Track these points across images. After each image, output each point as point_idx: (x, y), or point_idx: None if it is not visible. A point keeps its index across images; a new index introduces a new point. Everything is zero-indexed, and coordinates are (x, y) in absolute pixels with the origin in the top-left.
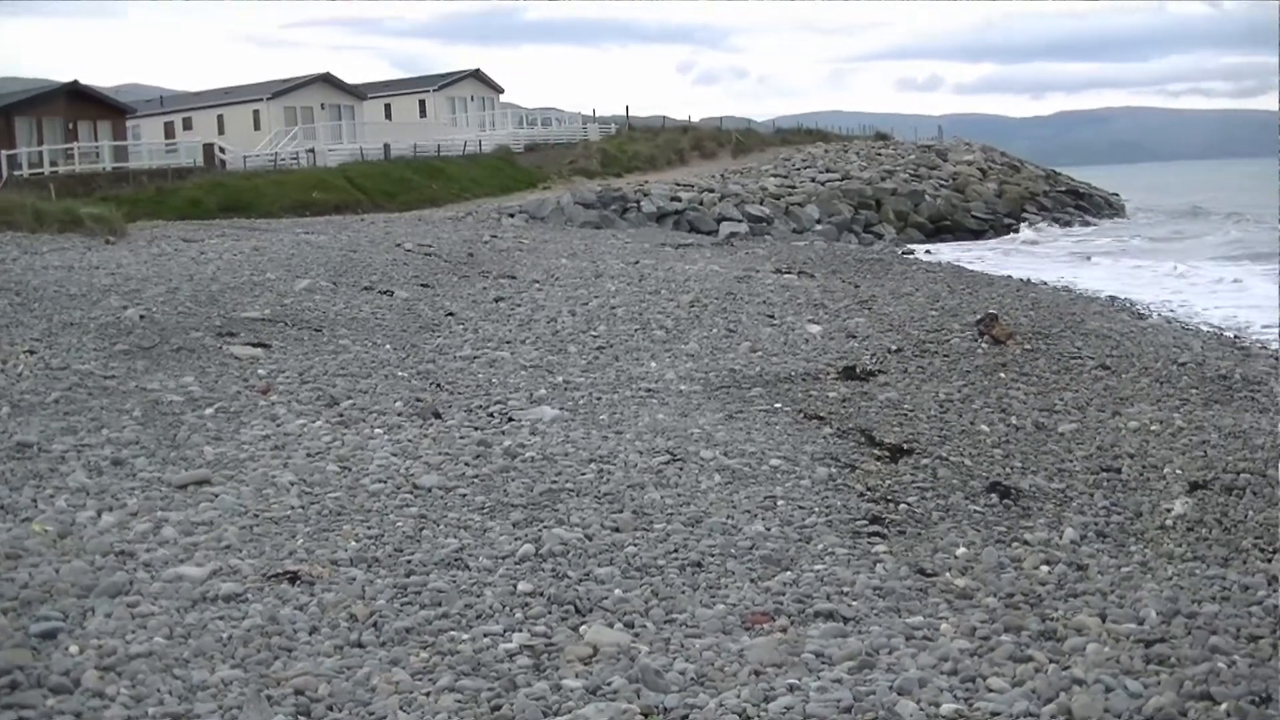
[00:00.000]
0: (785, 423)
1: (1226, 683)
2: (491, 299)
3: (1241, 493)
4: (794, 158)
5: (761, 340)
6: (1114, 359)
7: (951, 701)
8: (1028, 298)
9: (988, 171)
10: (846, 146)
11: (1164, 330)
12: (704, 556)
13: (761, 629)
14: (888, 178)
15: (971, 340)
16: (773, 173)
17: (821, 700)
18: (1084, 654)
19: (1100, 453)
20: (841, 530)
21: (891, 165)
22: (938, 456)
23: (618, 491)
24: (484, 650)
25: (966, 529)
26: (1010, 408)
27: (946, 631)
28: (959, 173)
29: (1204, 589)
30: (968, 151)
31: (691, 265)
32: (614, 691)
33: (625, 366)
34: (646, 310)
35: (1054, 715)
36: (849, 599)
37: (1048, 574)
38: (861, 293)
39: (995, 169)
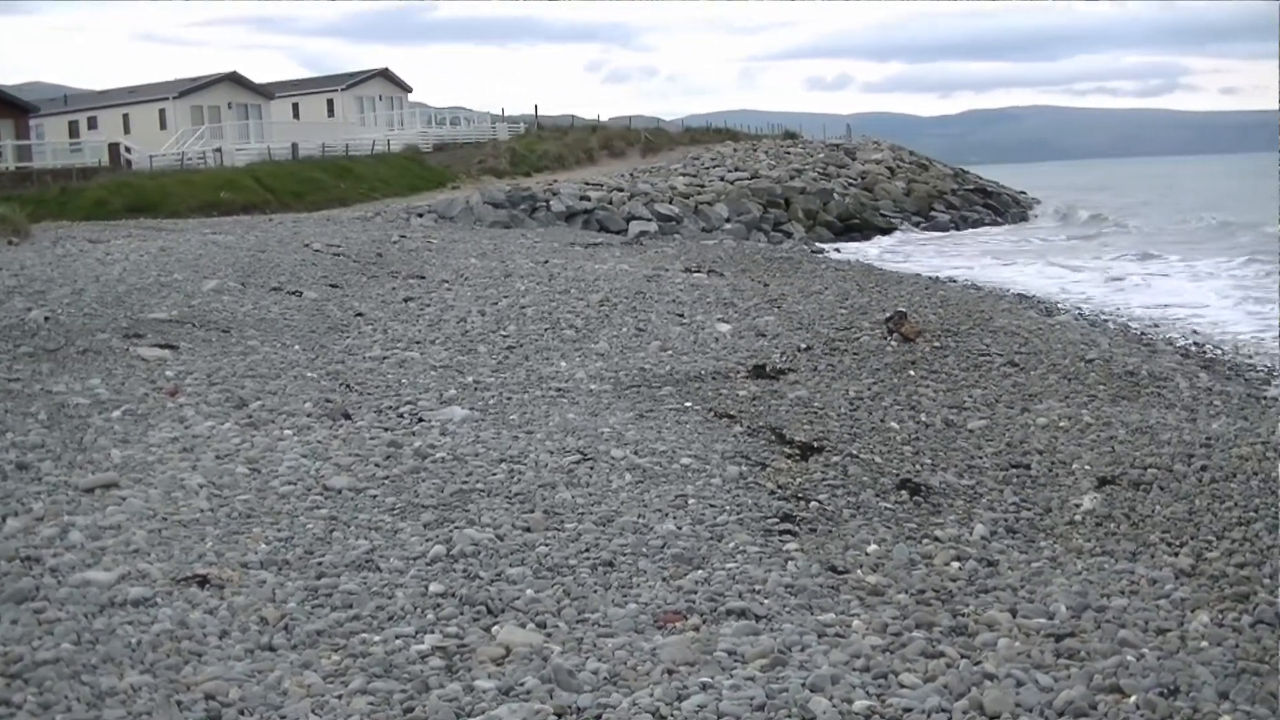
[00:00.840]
0: (696, 421)
1: (1136, 675)
2: (401, 299)
3: (1149, 488)
4: (703, 157)
5: (671, 339)
6: (1022, 356)
7: (864, 698)
8: (936, 295)
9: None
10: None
11: (1072, 327)
12: (616, 556)
13: (674, 628)
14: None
15: (881, 338)
16: (682, 172)
17: (734, 698)
18: (995, 649)
19: (1009, 449)
20: (753, 528)
21: (800, 164)
22: (848, 454)
23: (529, 491)
24: (396, 652)
25: (877, 526)
26: (920, 405)
27: (858, 628)
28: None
29: (1113, 583)
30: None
31: (601, 264)
32: (527, 692)
33: (535, 366)
34: (556, 310)
35: (966, 710)
36: (761, 597)
37: (958, 570)
38: (771, 291)
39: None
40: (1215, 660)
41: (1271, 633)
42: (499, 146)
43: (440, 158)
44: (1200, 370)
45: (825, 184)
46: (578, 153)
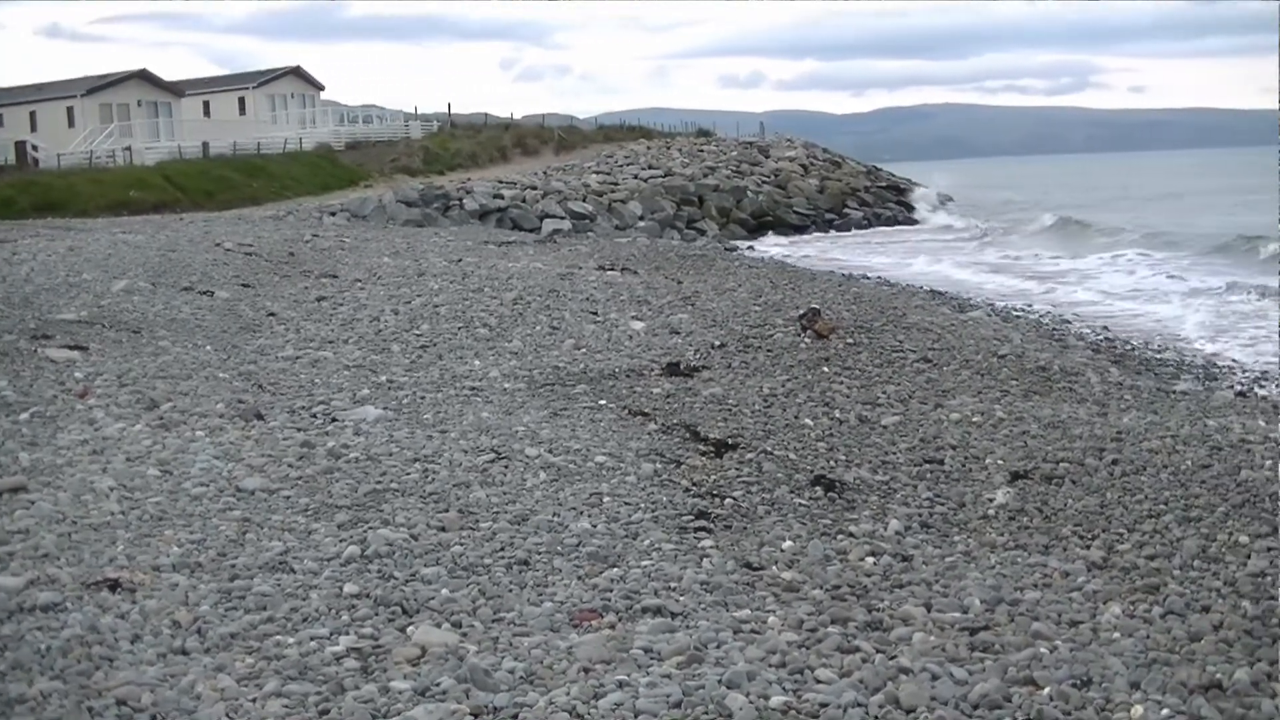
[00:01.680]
0: (610, 419)
1: (1049, 667)
2: (313, 298)
3: (1061, 481)
4: (617, 155)
5: (585, 337)
6: (935, 352)
7: (780, 694)
8: (850, 292)
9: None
10: (669, 143)
11: (984, 323)
12: (531, 554)
13: (590, 626)
14: (710, 174)
15: (795, 335)
16: (596, 170)
17: (651, 696)
18: (910, 643)
19: (923, 444)
20: (668, 526)
21: (714, 162)
22: (762, 451)
23: (443, 491)
24: (310, 654)
25: (792, 522)
26: (834, 401)
27: (774, 624)
28: (781, 169)
29: (1026, 576)
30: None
31: (515, 263)
32: (443, 692)
33: (449, 365)
34: (470, 308)
35: (881, 705)
36: (676, 594)
37: (873, 565)
38: (685, 289)
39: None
40: (1127, 651)
41: (1182, 623)
42: (412, 145)
43: (353, 156)
44: (1111, 365)
45: (739, 182)
46: (491, 151)
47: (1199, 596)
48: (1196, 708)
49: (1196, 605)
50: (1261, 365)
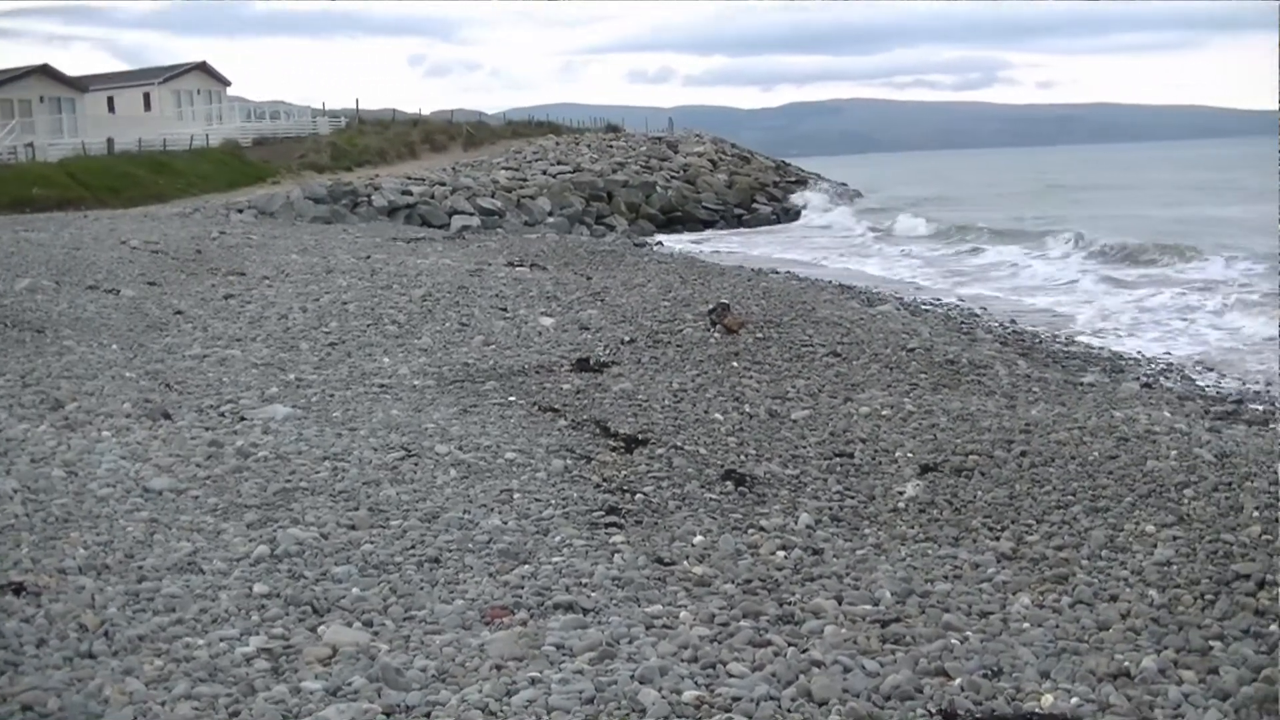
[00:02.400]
0: (520, 416)
1: (960, 658)
2: (221, 296)
3: (970, 474)
4: (525, 150)
5: (495, 334)
6: (845, 346)
7: (693, 688)
8: (759, 287)
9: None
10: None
11: (893, 317)
12: (442, 552)
13: (501, 623)
14: (619, 170)
15: (704, 330)
16: (504, 165)
17: (564, 692)
18: (822, 636)
19: (833, 438)
20: (579, 522)
21: (623, 157)
22: (673, 446)
23: (353, 489)
24: (220, 655)
25: (703, 517)
26: (744, 396)
27: (686, 619)
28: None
29: (936, 568)
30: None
31: (424, 259)
32: (355, 692)
33: (358, 362)
34: (379, 305)
35: (794, 698)
36: (588, 590)
37: (784, 559)
38: (594, 285)
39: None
40: (1036, 641)
41: (1090, 612)
42: (320, 141)
43: (260, 152)
44: (1019, 358)
45: (648, 177)
46: (399, 147)
47: (1107, 586)
48: (1105, 695)
49: (1104, 594)
50: (1166, 358)
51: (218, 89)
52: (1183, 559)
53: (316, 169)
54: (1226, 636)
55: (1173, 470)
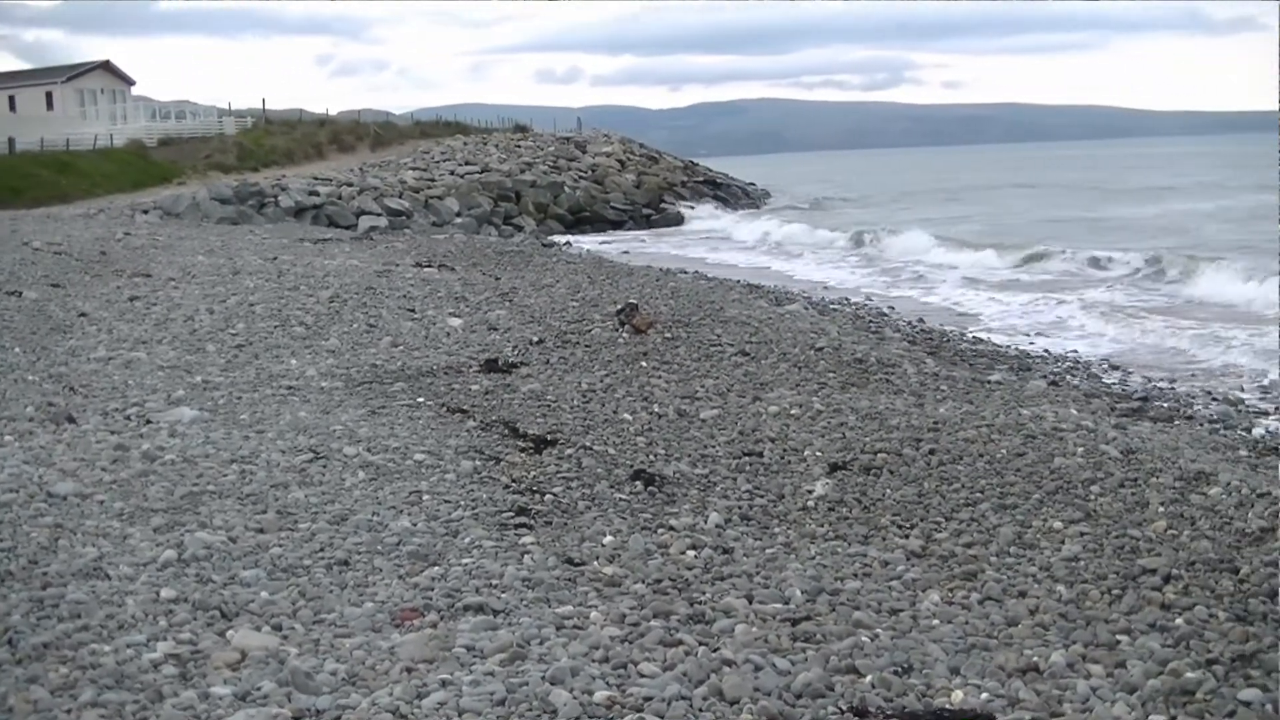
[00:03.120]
0: (428, 417)
1: (870, 655)
2: (126, 298)
3: (879, 472)
4: (433, 150)
5: (403, 334)
6: (753, 345)
7: (604, 688)
8: (667, 287)
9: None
10: (486, 139)
11: (802, 316)
12: (351, 554)
13: (412, 625)
14: (527, 170)
15: (613, 330)
16: (412, 166)
17: (475, 694)
18: (732, 635)
19: (742, 437)
20: (488, 523)
21: (531, 157)
22: (582, 446)
23: (261, 492)
24: (127, 661)
25: (613, 517)
26: (652, 396)
27: (596, 620)
28: (598, 164)
29: (846, 566)
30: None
31: (331, 260)
32: (264, 696)
33: (265, 364)
34: (286, 307)
35: (705, 697)
36: (498, 591)
37: (694, 559)
38: (502, 285)
39: (634, 160)
40: (946, 637)
41: (999, 608)
42: (226, 141)
43: (165, 153)
44: (927, 356)
45: (556, 177)
46: (306, 147)
47: (1015, 582)
48: (1014, 691)
49: (1013, 590)
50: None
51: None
52: (1090, 555)
53: (223, 169)
54: (1133, 630)
55: (1079, 467)
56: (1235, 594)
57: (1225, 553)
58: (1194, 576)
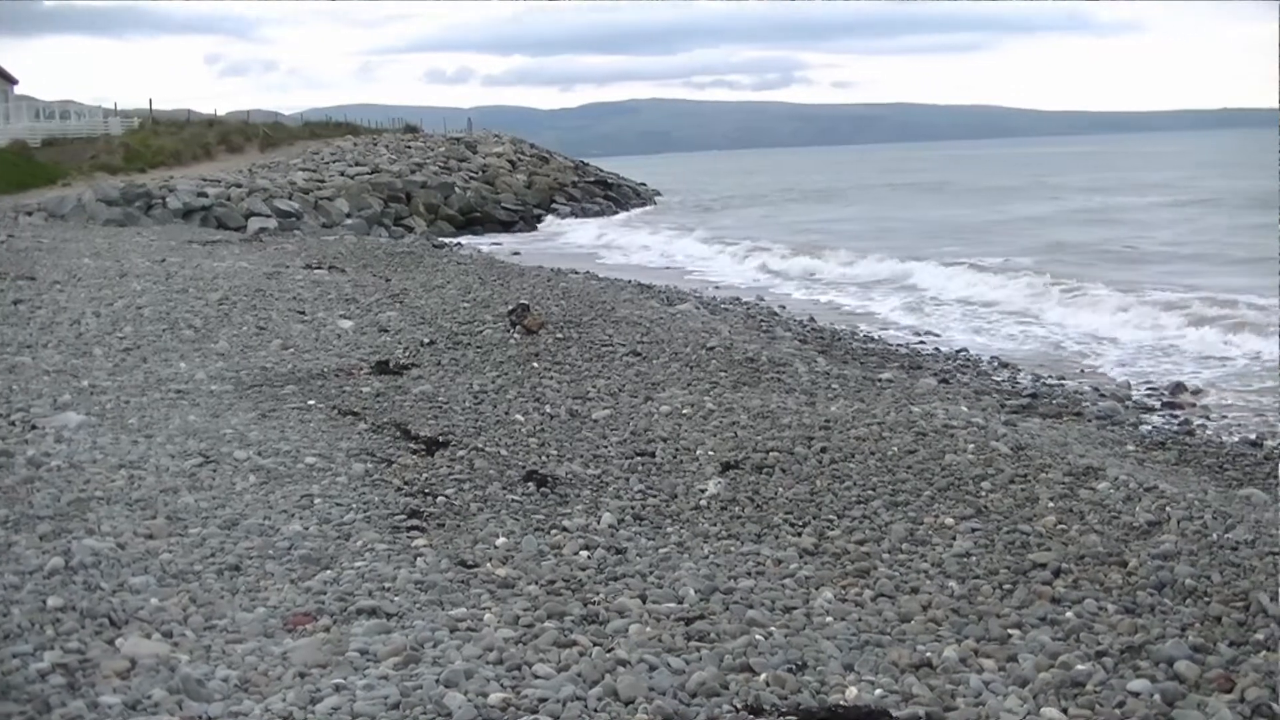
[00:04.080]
0: (320, 420)
1: (764, 653)
2: (9, 301)
3: (771, 471)
4: (323, 151)
5: (293, 337)
6: (645, 345)
7: (499, 690)
8: (559, 287)
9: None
10: (376, 140)
11: (693, 316)
12: (242, 559)
13: (304, 630)
14: (418, 170)
15: (504, 331)
16: (301, 167)
17: (369, 698)
18: (627, 635)
19: (634, 437)
20: (381, 526)
21: (421, 158)
22: (474, 448)
23: (150, 497)
24: (13, 672)
25: (505, 518)
26: (544, 396)
27: (490, 621)
28: (489, 165)
29: (739, 565)
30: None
31: (220, 262)
32: (155, 705)
33: (154, 368)
34: (175, 309)
35: (600, 697)
36: (391, 594)
37: (587, 559)
38: (393, 286)
39: (525, 160)
40: (840, 634)
41: (892, 605)
42: (112, 141)
43: (50, 153)
44: (818, 355)
45: (446, 178)
46: (195, 148)
47: (908, 578)
48: (908, 686)
49: (906, 587)
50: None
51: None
52: (981, 550)
53: (109, 170)
54: (1024, 625)
55: (970, 464)
56: (1124, 587)
57: (1113, 546)
58: (1083, 570)
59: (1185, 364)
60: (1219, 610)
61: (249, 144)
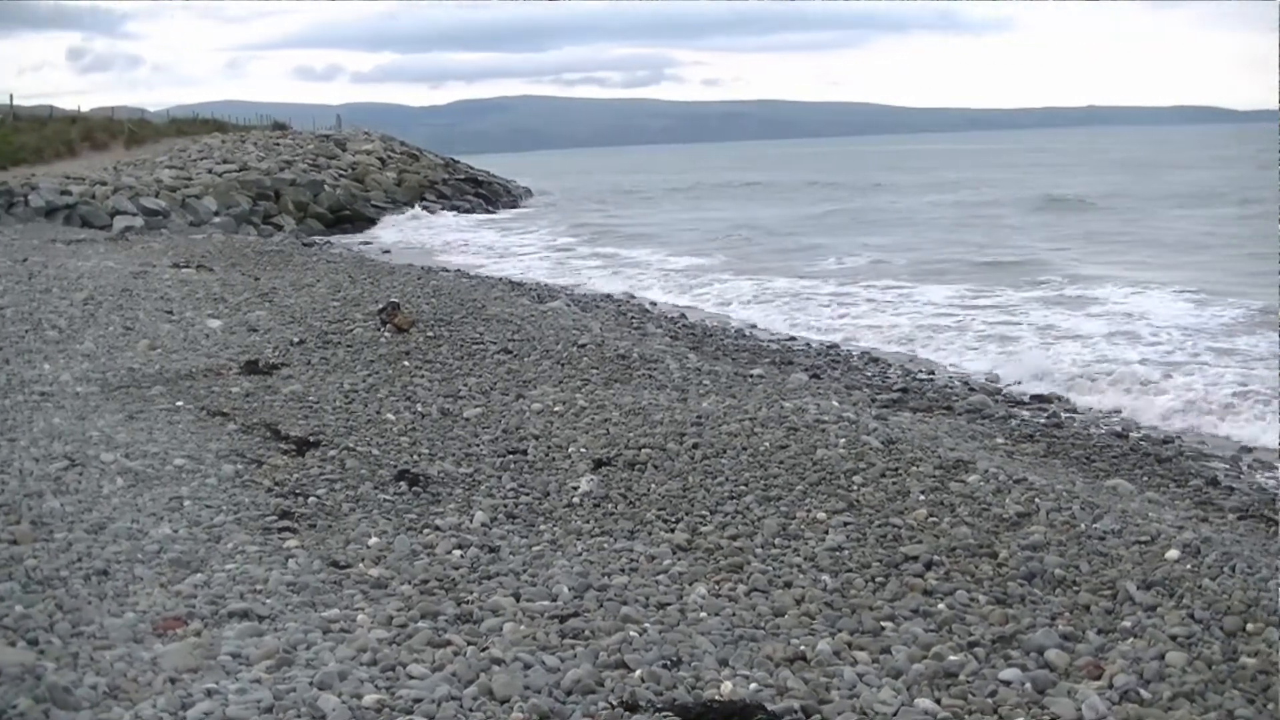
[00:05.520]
0: (188, 421)
1: (639, 650)
2: None
3: (644, 467)
4: (190, 149)
5: (161, 337)
6: (516, 343)
7: (374, 692)
8: (429, 285)
9: (387, 161)
10: (244, 137)
11: (564, 313)
12: (110, 564)
13: (174, 634)
14: (286, 168)
15: (374, 329)
16: (168, 164)
17: (241, 702)
18: (501, 634)
19: (506, 435)
20: (252, 527)
21: (290, 155)
22: (345, 447)
23: (14, 502)
24: None
25: (378, 518)
26: (416, 395)
27: (364, 622)
28: (358, 162)
29: (613, 562)
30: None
31: (85, 261)
32: (20, 714)
33: (16, 370)
34: (38, 310)
35: (475, 696)
36: (263, 596)
37: (461, 558)
38: (262, 285)
39: (395, 158)
40: (714, 629)
41: (765, 599)
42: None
43: None
44: (689, 351)
45: (316, 176)
46: (57, 145)
47: (781, 573)
48: (783, 680)
49: (779, 581)
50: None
51: None
52: (853, 544)
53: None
54: (897, 617)
55: (842, 458)
56: (994, 578)
57: (984, 538)
58: (954, 562)
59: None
60: (1087, 599)
61: (114, 141)
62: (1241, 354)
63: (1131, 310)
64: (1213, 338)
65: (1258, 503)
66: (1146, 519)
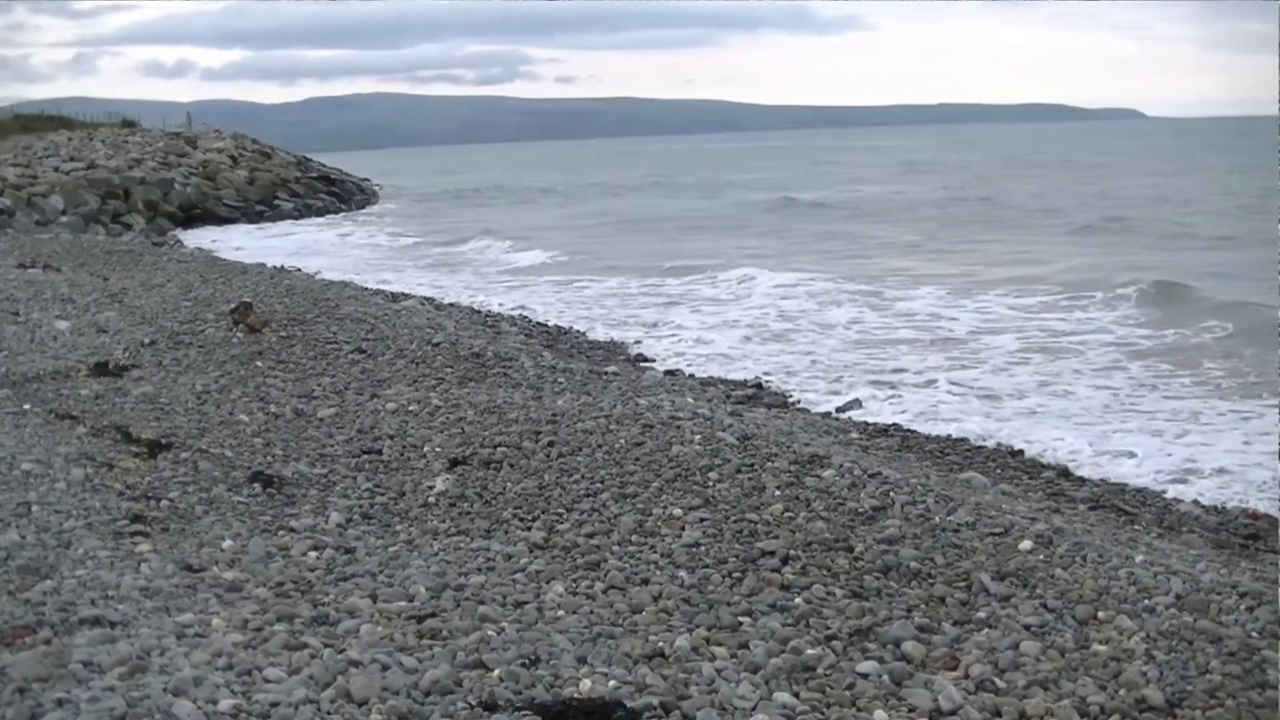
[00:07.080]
0: (36, 424)
1: (497, 649)
2: None
3: (499, 466)
4: (35, 146)
5: (6, 339)
6: (370, 342)
7: (229, 697)
8: (282, 284)
9: (239, 159)
10: (92, 134)
11: (418, 312)
12: None
13: (23, 643)
14: (136, 166)
15: (227, 330)
16: (13, 162)
17: (93, 711)
18: (358, 635)
19: (361, 435)
20: (103, 532)
21: (140, 153)
22: (198, 449)
23: None
24: None
25: (232, 521)
26: (269, 395)
27: (218, 626)
28: (210, 160)
29: (470, 561)
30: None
31: None
32: None
33: None
34: None
35: (333, 699)
36: (115, 602)
37: (316, 560)
38: (111, 285)
39: (247, 156)
40: (572, 627)
41: (623, 596)
42: None
43: None
44: (544, 349)
45: (166, 174)
46: None
47: (638, 570)
48: (641, 676)
49: (636, 579)
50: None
51: None
52: (710, 540)
53: None
54: (755, 612)
55: (697, 454)
56: (851, 571)
57: (840, 532)
58: (811, 556)
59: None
60: (943, 591)
61: None
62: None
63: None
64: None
65: (1108, 493)
66: (1000, 511)
